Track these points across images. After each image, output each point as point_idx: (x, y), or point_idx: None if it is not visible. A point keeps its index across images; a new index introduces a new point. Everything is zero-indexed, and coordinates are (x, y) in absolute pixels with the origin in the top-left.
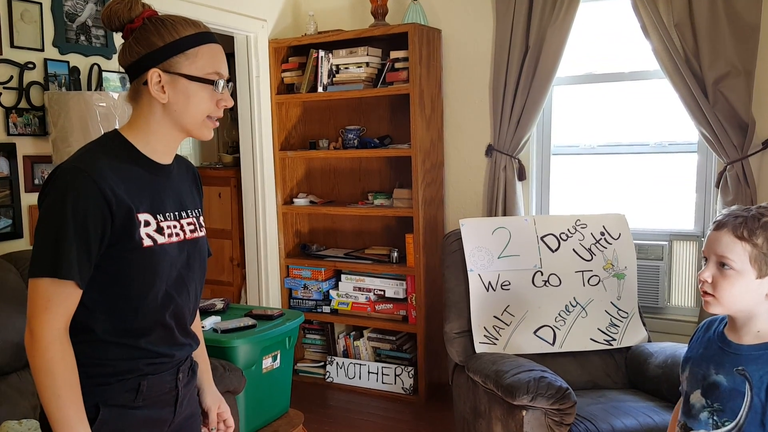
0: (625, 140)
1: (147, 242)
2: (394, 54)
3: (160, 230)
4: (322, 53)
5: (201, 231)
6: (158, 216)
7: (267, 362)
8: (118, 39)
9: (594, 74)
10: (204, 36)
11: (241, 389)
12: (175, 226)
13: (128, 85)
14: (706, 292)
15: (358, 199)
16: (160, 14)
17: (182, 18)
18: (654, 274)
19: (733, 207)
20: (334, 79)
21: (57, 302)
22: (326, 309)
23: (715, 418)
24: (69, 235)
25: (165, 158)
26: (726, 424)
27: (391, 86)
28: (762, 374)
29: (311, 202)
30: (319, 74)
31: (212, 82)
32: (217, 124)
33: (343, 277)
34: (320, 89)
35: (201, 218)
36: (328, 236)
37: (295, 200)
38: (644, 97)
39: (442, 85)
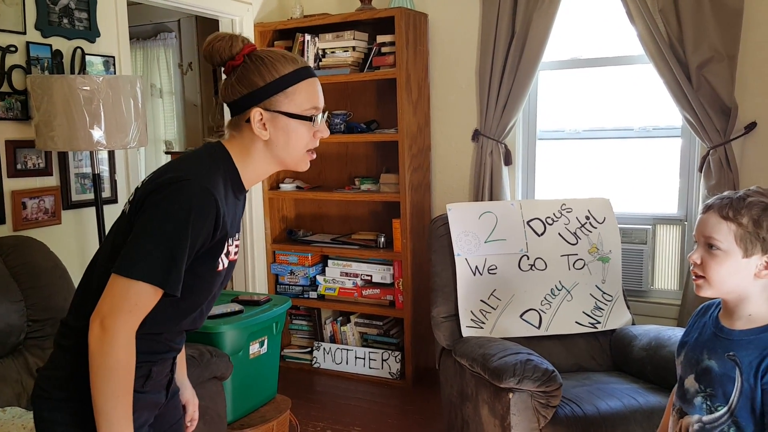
0: (610, 125)
1: (221, 266)
2: (380, 38)
3: (228, 254)
4: (308, 37)
5: (239, 253)
6: (229, 240)
7: (254, 348)
8: (102, 22)
9: (579, 59)
10: (302, 72)
11: (228, 375)
12: (232, 250)
13: (229, 117)
14: (696, 275)
15: (344, 184)
16: (258, 50)
17: (281, 54)
18: (638, 257)
19: (725, 192)
20: (320, 63)
21: (145, 307)
22: (313, 294)
23: (708, 402)
24: (184, 250)
25: (251, 185)
26: (719, 408)
27: (378, 71)
28: (752, 359)
29: (298, 187)
30: (306, 58)
31: (310, 119)
32: (314, 156)
33: (329, 262)
34: None
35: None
36: (314, 221)
37: (281, 185)
38: (629, 82)
39: (429, 69)
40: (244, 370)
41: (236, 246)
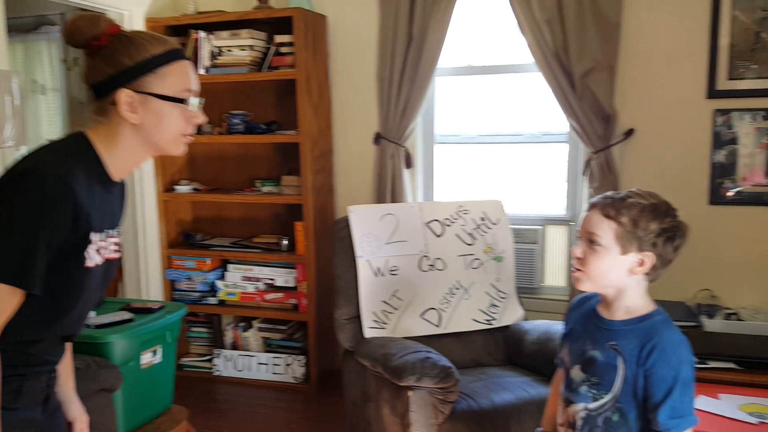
0: (504, 130)
1: (89, 262)
2: (279, 38)
3: (98, 250)
4: (202, 34)
5: (119, 252)
6: (99, 235)
7: (146, 357)
8: None
9: (474, 66)
10: (174, 53)
11: (117, 387)
12: (105, 246)
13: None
14: (576, 268)
15: (245, 186)
16: (125, 30)
17: (150, 35)
18: (530, 256)
19: (609, 192)
20: (216, 61)
21: (3, 311)
22: (212, 300)
23: (593, 391)
24: (39, 244)
25: (121, 176)
26: (604, 396)
27: (277, 71)
28: (632, 347)
29: (195, 189)
30: (200, 56)
31: (183, 101)
32: (192, 139)
33: (230, 266)
34: (202, 71)
35: (120, 237)
36: (213, 225)
37: (176, 187)
38: (521, 90)
39: (329, 71)
40: (135, 380)
41: (114, 243)
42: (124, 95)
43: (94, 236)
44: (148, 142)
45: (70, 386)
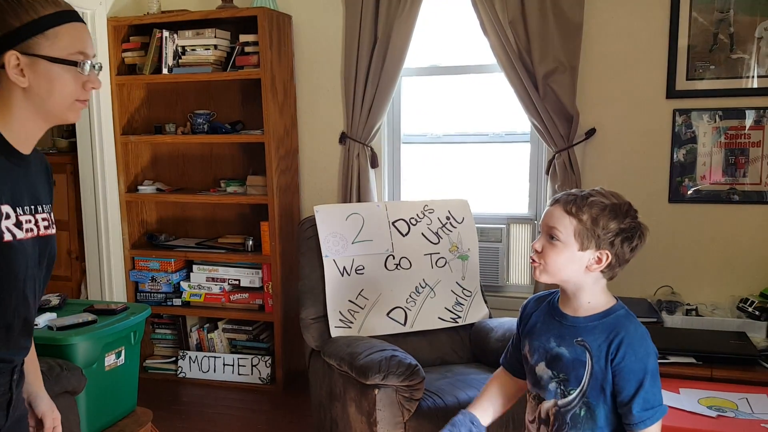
0: (468, 130)
1: (7, 236)
2: (243, 38)
3: (19, 224)
4: (166, 33)
5: (53, 228)
6: (18, 209)
7: (110, 359)
8: None
9: (439, 66)
10: (66, 14)
11: (81, 389)
12: (30, 221)
13: None
14: (534, 260)
15: (209, 187)
16: None
17: None
18: (494, 255)
19: (572, 189)
20: (180, 60)
21: None
22: (177, 302)
23: (562, 387)
24: None
25: (26, 147)
26: (572, 392)
27: (242, 70)
28: (600, 343)
29: (158, 189)
30: (164, 55)
31: (76, 63)
32: (86, 105)
33: (195, 267)
34: (165, 71)
35: (52, 213)
36: (178, 225)
37: (140, 188)
38: (485, 90)
39: (295, 71)
40: (99, 382)
41: (43, 219)
42: (12, 57)
43: (5, 209)
44: (41, 108)
45: (38, 383)
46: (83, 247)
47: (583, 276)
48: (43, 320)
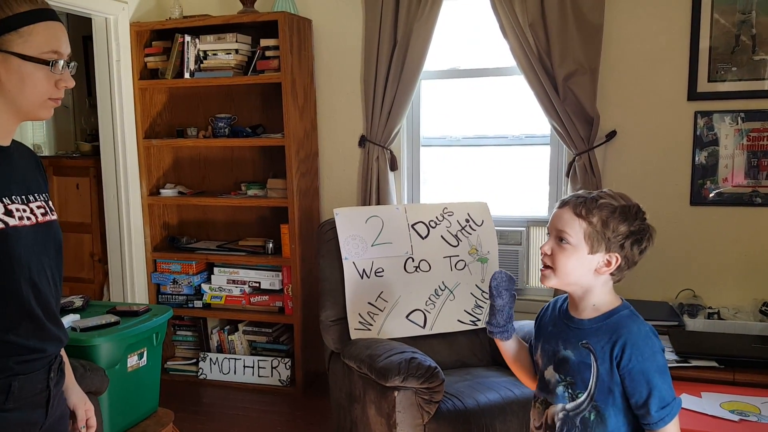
0: (488, 133)
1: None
2: (264, 42)
3: (9, 213)
4: (188, 38)
5: (53, 214)
6: (4, 199)
7: (132, 360)
8: None
9: (458, 69)
10: (40, 13)
11: (104, 390)
12: (24, 210)
13: None
14: (545, 265)
15: (230, 190)
16: None
17: None
18: (514, 257)
19: (580, 191)
20: (201, 65)
21: None
22: (198, 304)
23: (570, 390)
24: None
25: (2, 140)
26: (580, 395)
27: (263, 74)
28: (603, 344)
29: (180, 192)
30: (186, 60)
31: (49, 63)
32: (59, 103)
33: (215, 270)
34: (187, 75)
35: (50, 202)
36: (199, 228)
37: (162, 191)
38: (505, 92)
39: (315, 75)
40: (122, 383)
41: (38, 207)
42: None
43: None
44: (13, 104)
45: (68, 374)
46: (106, 250)
47: (591, 279)
48: (66, 321)
